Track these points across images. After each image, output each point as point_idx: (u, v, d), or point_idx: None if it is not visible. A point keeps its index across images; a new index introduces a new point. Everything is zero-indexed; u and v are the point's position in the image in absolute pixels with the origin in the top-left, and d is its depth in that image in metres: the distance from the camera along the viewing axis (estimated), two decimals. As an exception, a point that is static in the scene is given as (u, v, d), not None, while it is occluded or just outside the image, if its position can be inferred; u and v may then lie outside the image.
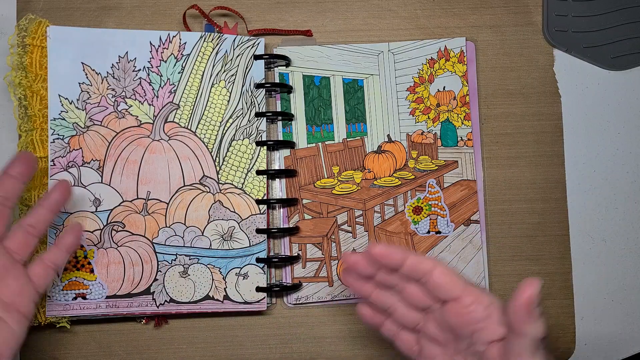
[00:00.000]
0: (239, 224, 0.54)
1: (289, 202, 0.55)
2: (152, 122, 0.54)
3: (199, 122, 0.54)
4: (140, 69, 0.54)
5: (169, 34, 0.55)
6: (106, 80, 0.54)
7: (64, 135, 0.53)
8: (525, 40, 0.58)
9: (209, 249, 0.53)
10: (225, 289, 0.53)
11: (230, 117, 0.54)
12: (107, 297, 0.52)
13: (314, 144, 0.56)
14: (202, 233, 0.53)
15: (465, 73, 0.57)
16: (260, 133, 0.55)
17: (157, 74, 0.54)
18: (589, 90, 0.58)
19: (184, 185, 0.54)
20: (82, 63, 0.53)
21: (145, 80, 0.54)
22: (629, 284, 0.57)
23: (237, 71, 0.55)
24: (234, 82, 0.55)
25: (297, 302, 0.55)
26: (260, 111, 0.55)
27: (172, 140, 0.54)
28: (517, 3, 0.58)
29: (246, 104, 0.55)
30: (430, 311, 0.44)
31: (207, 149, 0.54)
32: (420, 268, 0.42)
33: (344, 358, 0.55)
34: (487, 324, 0.41)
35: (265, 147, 0.55)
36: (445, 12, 0.58)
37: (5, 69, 0.55)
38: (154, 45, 0.54)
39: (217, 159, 0.54)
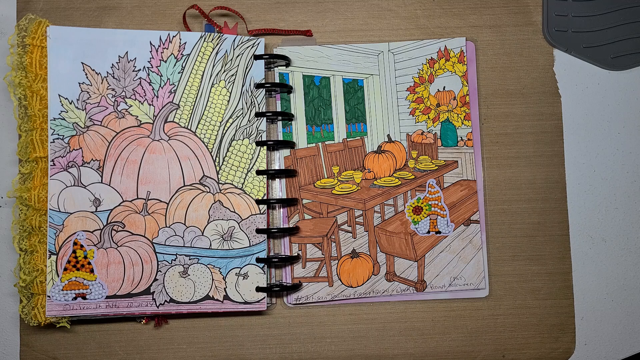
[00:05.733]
0: (239, 224, 0.54)
1: (289, 202, 0.55)
2: (152, 122, 0.54)
3: (199, 122, 0.54)
4: (140, 69, 0.54)
5: (169, 34, 0.55)
6: (106, 80, 0.54)
7: (64, 135, 0.53)
8: (525, 40, 0.58)
9: (209, 249, 0.53)
10: (225, 289, 0.53)
11: (230, 117, 0.54)
12: (107, 297, 0.52)
13: (314, 144, 0.56)
14: (202, 233, 0.53)
15: (465, 73, 0.57)
16: (260, 133, 0.55)
17: (157, 74, 0.54)
18: (589, 90, 0.58)
19: (184, 185, 0.54)
20: (82, 63, 0.53)
21: (145, 80, 0.54)
22: (629, 284, 0.57)
23: (237, 71, 0.55)
24: (234, 82, 0.55)
25: (297, 302, 0.55)
26: (260, 111, 0.55)
27: (172, 140, 0.54)
28: (517, 3, 0.58)
29: (246, 104, 0.55)
30: None
31: (207, 149, 0.54)
32: None
33: (344, 358, 0.55)
34: None
35: (265, 147, 0.55)
36: (445, 12, 0.58)
37: (5, 69, 0.55)
38: (154, 45, 0.54)
39: (217, 159, 0.54)
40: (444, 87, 0.57)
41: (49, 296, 0.52)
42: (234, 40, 0.55)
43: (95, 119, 0.53)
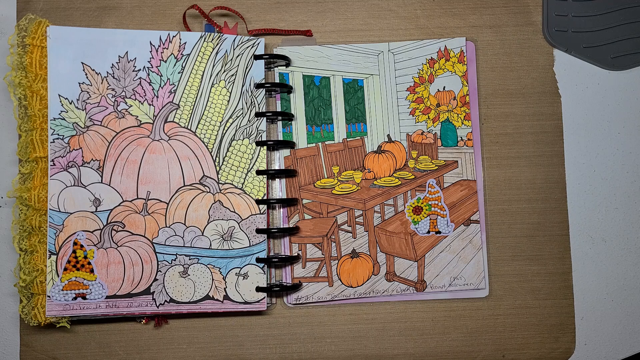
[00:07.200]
0: (239, 224, 0.54)
1: (289, 202, 0.55)
2: (152, 122, 0.54)
3: (199, 122, 0.54)
4: (140, 69, 0.54)
5: (169, 34, 0.54)
6: (106, 80, 0.54)
7: (63, 135, 0.53)
8: (525, 40, 0.58)
9: (209, 249, 0.53)
10: (225, 289, 0.53)
11: (230, 117, 0.54)
12: (107, 297, 0.52)
13: (314, 144, 0.56)
14: (202, 233, 0.53)
15: (465, 73, 0.57)
16: (260, 133, 0.55)
17: (157, 74, 0.54)
18: (589, 90, 0.58)
19: (184, 185, 0.54)
20: (82, 63, 0.53)
21: (145, 80, 0.54)
22: (629, 284, 0.57)
23: (237, 71, 0.55)
24: (234, 82, 0.55)
25: (297, 302, 0.55)
26: (260, 111, 0.55)
27: (172, 140, 0.54)
28: (517, 3, 0.58)
29: (246, 104, 0.55)
30: None
31: (207, 149, 0.54)
32: None
33: (344, 358, 0.55)
34: None
35: (265, 147, 0.55)
36: (445, 12, 0.58)
37: (5, 69, 0.55)
38: (154, 45, 0.54)
39: (217, 159, 0.54)
40: (444, 87, 0.57)
41: (49, 296, 0.52)
42: (234, 40, 0.55)
43: (95, 119, 0.53)
